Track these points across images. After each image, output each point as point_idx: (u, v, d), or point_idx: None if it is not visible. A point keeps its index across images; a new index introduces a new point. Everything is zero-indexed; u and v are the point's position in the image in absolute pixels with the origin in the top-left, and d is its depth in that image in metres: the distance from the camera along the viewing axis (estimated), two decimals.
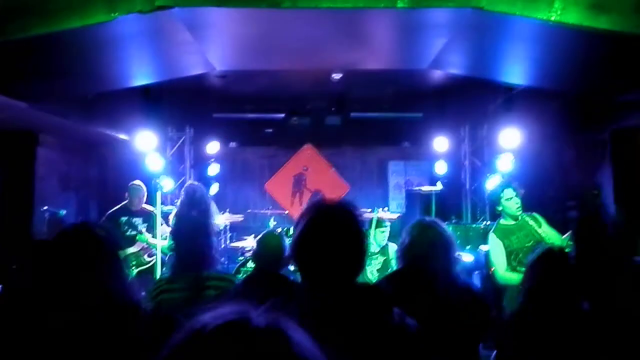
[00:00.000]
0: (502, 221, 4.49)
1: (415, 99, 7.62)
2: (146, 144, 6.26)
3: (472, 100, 6.88)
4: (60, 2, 3.43)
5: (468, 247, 6.34)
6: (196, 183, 5.85)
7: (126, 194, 5.96)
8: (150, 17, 3.57)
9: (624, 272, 2.55)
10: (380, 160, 9.03)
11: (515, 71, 5.36)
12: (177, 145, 7.91)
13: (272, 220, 7.13)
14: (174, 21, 3.86)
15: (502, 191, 4.39)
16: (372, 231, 5.62)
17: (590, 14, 3.53)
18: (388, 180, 9.01)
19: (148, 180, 6.04)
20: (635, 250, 2.54)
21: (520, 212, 4.38)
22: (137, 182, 6.01)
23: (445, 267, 2.49)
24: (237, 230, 7.72)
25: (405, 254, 2.56)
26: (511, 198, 4.36)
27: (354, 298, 1.51)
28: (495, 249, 4.34)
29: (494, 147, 6.74)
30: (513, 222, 4.40)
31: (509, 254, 4.27)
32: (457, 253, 2.62)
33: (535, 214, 4.46)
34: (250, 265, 6.58)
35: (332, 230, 1.56)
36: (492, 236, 4.39)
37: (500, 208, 4.45)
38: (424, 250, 2.48)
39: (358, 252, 1.57)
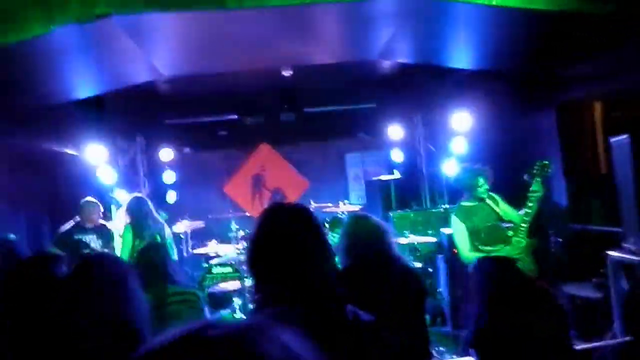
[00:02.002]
0: (463, 203, 4.58)
1: (367, 90, 7.68)
2: (96, 157, 6.07)
3: (423, 86, 6.99)
4: None
5: (430, 231, 6.45)
6: (139, 194, 5.74)
7: (79, 212, 5.76)
8: (89, 27, 3.43)
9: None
10: (337, 153, 9.06)
11: (462, 55, 5.48)
12: (128, 156, 7.69)
13: (233, 223, 7.04)
14: (115, 29, 3.73)
15: (475, 179, 4.46)
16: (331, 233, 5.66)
17: None
18: (346, 173, 9.06)
19: (102, 194, 5.85)
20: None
21: (487, 194, 4.49)
22: (89, 198, 5.81)
23: (387, 253, 2.63)
24: (199, 237, 7.59)
25: (348, 251, 2.64)
26: (483, 185, 4.45)
27: (311, 302, 1.49)
28: (458, 231, 4.44)
29: (448, 131, 6.87)
30: (474, 203, 4.50)
31: (471, 234, 4.37)
32: (393, 238, 2.76)
33: (492, 193, 4.57)
34: (216, 271, 6.49)
35: (291, 234, 1.54)
36: (454, 218, 4.48)
37: (469, 193, 4.53)
38: (365, 243, 2.57)
39: (315, 252, 1.55)
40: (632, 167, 4.48)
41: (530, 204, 4.22)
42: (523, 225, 4.27)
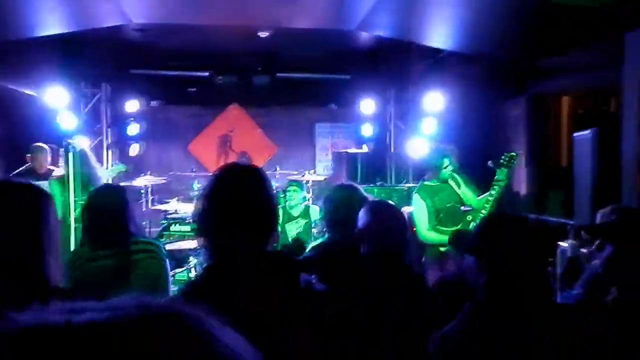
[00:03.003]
0: (426, 182, 4.61)
1: (343, 61, 7.59)
2: (57, 100, 5.82)
3: (399, 63, 6.94)
4: None
5: None
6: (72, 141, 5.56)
7: (28, 156, 5.56)
8: None
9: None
10: (308, 121, 8.97)
11: (442, 34, 5.44)
12: (92, 103, 7.42)
13: (196, 182, 6.93)
14: None
15: (441, 160, 4.46)
16: (288, 194, 5.61)
17: None
18: (315, 142, 9.00)
19: (60, 140, 5.65)
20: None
21: (451, 175, 4.51)
22: (40, 143, 5.62)
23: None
24: (160, 193, 7.46)
25: (330, 222, 2.59)
26: (447, 166, 4.46)
27: (262, 265, 1.47)
28: (419, 209, 4.47)
29: (419, 111, 6.87)
30: (436, 183, 4.53)
31: (431, 214, 4.42)
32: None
33: (455, 174, 4.61)
34: (175, 229, 6.40)
35: (238, 195, 1.51)
36: (416, 196, 4.51)
37: (433, 173, 4.54)
38: (348, 216, 2.50)
39: (265, 216, 1.53)
40: (593, 163, 4.59)
41: (493, 192, 4.28)
42: (483, 212, 4.33)
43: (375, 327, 2.00)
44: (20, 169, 5.56)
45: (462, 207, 4.50)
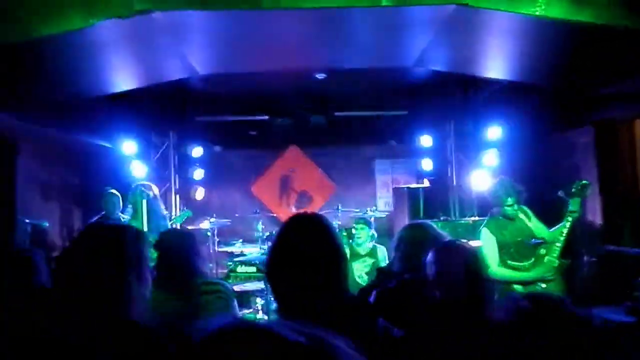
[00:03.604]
0: (494, 216, 4.47)
1: (399, 96, 7.61)
2: (129, 150, 6.17)
3: (456, 95, 6.89)
4: (37, 8, 3.33)
5: None
6: (147, 183, 5.84)
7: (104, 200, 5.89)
8: (129, 22, 3.48)
9: None
10: (366, 158, 9.00)
11: (499, 66, 5.37)
12: (161, 151, 7.79)
13: (260, 223, 7.06)
14: (154, 25, 3.78)
15: (505, 198, 4.32)
16: (356, 232, 5.59)
17: (573, 7, 3.53)
18: (375, 179, 8.99)
19: (130, 188, 5.94)
20: None
21: (517, 213, 4.36)
22: (113, 190, 5.93)
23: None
24: (225, 235, 7.63)
25: (402, 261, 2.54)
26: (513, 205, 4.32)
27: (336, 312, 1.46)
28: (487, 244, 4.32)
29: (479, 142, 6.76)
30: (505, 217, 4.39)
31: (500, 248, 4.27)
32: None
33: (524, 207, 4.46)
34: (241, 270, 6.51)
35: (302, 245, 1.53)
36: (484, 230, 4.37)
37: (499, 208, 4.40)
38: (421, 256, 2.44)
39: (333, 262, 1.53)
40: None
41: (566, 224, 4.10)
42: (557, 245, 4.14)
43: None
44: (95, 218, 5.87)
45: (533, 240, 4.33)
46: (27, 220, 5.60)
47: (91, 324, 1.42)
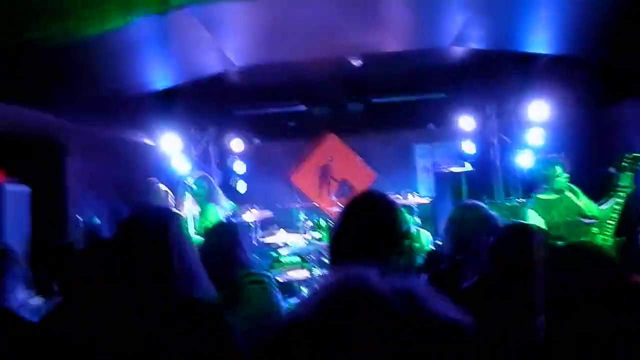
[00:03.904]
0: (540, 195, 4.34)
1: (437, 79, 7.45)
2: (171, 146, 6.28)
3: (497, 74, 6.70)
4: (78, 9, 3.42)
5: None
6: (202, 173, 5.93)
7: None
8: (165, 18, 3.53)
9: None
10: (405, 144, 8.89)
11: (540, 40, 5.18)
12: (201, 146, 7.91)
13: (302, 213, 7.09)
14: (190, 19, 3.82)
15: (552, 169, 4.20)
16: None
17: None
18: (415, 164, 8.88)
19: (176, 184, 6.06)
20: None
21: (567, 186, 4.22)
22: (162, 185, 6.05)
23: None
24: (268, 226, 7.70)
25: (454, 243, 2.50)
26: (561, 174, 4.19)
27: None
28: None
29: (523, 122, 6.56)
30: (552, 196, 4.25)
31: (549, 230, 4.14)
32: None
33: (572, 185, 4.31)
34: (284, 260, 6.56)
35: (366, 221, 1.52)
36: (531, 212, 4.26)
37: (547, 184, 4.28)
38: (473, 236, 2.40)
39: (393, 238, 1.51)
40: None
41: (619, 200, 3.94)
42: (610, 222, 3.99)
43: None
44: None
45: (585, 220, 4.18)
46: (80, 219, 5.79)
47: (152, 304, 1.48)
